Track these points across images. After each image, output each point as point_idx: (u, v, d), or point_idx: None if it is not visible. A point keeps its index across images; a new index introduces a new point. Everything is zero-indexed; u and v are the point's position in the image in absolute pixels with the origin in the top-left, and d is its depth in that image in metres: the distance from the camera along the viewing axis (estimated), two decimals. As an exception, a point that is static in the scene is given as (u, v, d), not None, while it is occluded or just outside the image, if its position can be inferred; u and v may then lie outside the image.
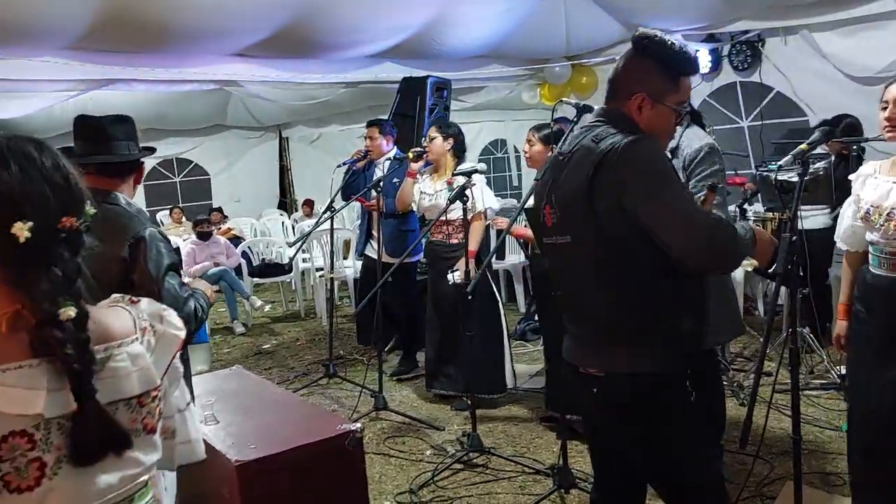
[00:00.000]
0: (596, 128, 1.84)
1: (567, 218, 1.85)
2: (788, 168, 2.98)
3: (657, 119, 1.84)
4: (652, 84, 1.82)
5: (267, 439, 2.29)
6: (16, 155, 1.05)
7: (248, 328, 7.09)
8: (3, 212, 1.01)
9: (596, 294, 1.84)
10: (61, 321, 1.01)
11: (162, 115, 9.63)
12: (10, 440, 0.97)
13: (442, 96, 6.10)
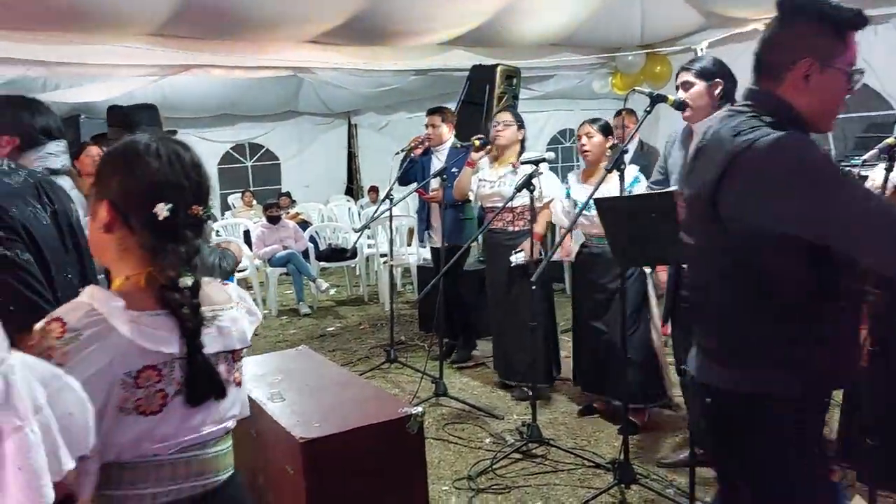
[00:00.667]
0: (739, 115, 1.58)
1: (692, 219, 1.67)
2: (872, 163, 2.88)
3: (826, 89, 1.54)
4: (818, 45, 1.53)
5: (331, 418, 2.33)
6: (167, 151, 1.33)
7: (314, 310, 7.25)
8: (151, 192, 1.28)
9: (717, 305, 1.65)
10: (180, 287, 1.26)
11: (236, 100, 9.89)
12: (146, 372, 1.22)
13: (511, 84, 6.05)
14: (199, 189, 1.35)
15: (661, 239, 2.54)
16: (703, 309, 1.73)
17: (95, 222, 1.32)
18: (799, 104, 1.54)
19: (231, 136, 11.38)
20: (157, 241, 1.28)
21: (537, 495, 3.21)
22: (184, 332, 1.26)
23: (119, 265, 1.31)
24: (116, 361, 1.19)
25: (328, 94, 9.85)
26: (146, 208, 1.27)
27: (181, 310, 1.26)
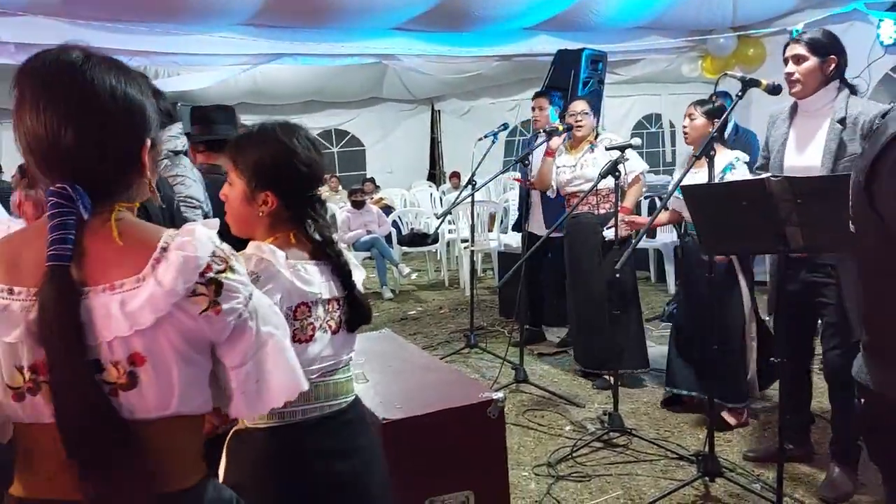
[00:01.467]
0: None
1: (853, 205, 1.54)
2: None
3: None
4: None
5: (412, 401, 2.38)
6: (318, 146, 1.68)
7: (396, 294, 7.37)
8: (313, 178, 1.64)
9: (877, 302, 1.55)
10: (334, 243, 1.62)
11: (322, 87, 10.12)
12: (300, 308, 1.53)
13: (597, 69, 5.94)
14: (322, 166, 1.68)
15: (751, 227, 2.45)
16: (866, 303, 1.63)
17: (235, 193, 1.61)
18: None
19: (318, 123, 11.66)
20: (303, 210, 1.61)
21: (617, 484, 3.19)
22: (343, 276, 1.61)
23: (264, 230, 1.60)
24: (284, 298, 1.49)
25: (412, 80, 9.96)
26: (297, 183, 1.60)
27: (340, 259, 1.61)
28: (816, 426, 3.60)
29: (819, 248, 2.55)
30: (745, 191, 2.47)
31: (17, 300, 1.01)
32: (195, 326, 1.05)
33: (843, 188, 2.30)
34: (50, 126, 1.02)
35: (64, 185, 1.03)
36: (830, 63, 2.77)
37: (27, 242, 1.05)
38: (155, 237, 1.06)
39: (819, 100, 2.81)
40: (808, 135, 2.84)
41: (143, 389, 1.03)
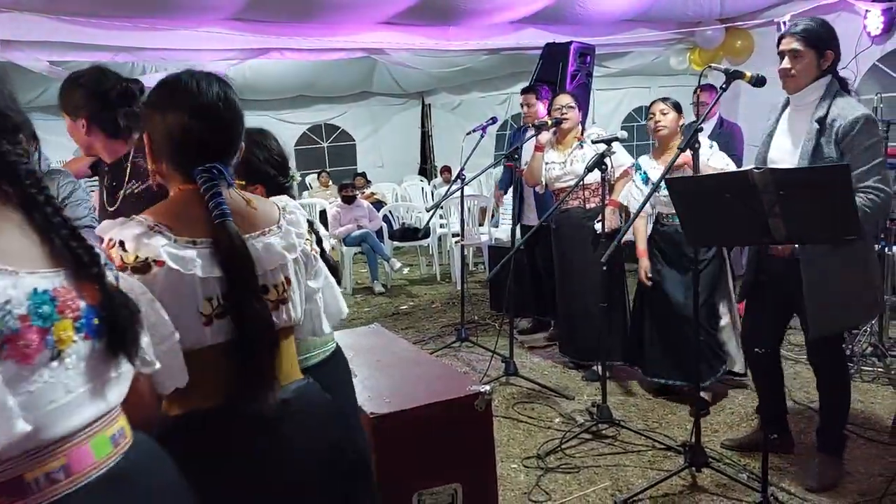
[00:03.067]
0: None
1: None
2: None
3: None
4: None
5: (401, 395, 2.39)
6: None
7: (387, 289, 7.38)
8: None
9: None
10: None
11: (311, 82, 10.07)
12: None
13: (585, 62, 5.95)
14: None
15: (735, 219, 2.47)
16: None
17: None
18: None
19: (308, 118, 11.63)
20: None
21: (606, 476, 3.21)
22: None
23: None
24: None
25: (401, 74, 9.93)
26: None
27: None
28: (802, 416, 3.65)
29: (801, 240, 2.57)
30: (729, 183, 2.49)
31: (202, 248, 1.34)
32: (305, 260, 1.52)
33: (825, 180, 2.34)
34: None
35: (214, 165, 1.39)
36: (828, 58, 2.71)
37: (184, 208, 1.38)
38: (272, 202, 1.55)
39: (809, 94, 2.76)
40: (793, 130, 2.84)
41: (290, 305, 1.45)
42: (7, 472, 0.93)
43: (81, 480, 0.99)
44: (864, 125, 2.58)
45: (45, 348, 0.95)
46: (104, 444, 1.03)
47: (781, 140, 2.88)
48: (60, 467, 0.97)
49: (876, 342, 4.28)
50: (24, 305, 0.94)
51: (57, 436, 0.97)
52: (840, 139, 2.61)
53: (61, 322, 0.98)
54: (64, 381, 0.98)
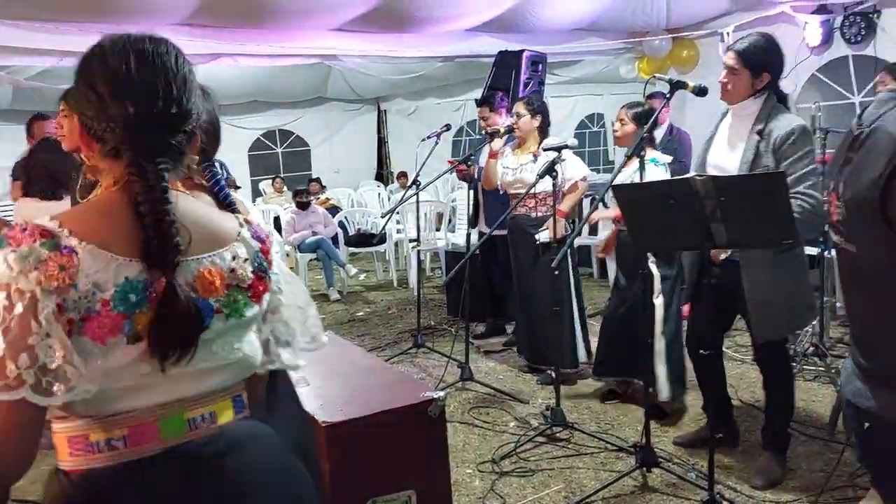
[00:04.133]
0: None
1: (854, 221, 1.42)
2: None
3: None
4: None
5: (354, 403, 2.38)
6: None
7: (343, 296, 7.35)
8: None
9: (889, 327, 1.41)
10: None
11: (266, 87, 9.99)
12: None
13: (537, 70, 6.05)
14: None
15: (679, 224, 2.55)
16: (864, 324, 1.51)
17: None
18: None
19: (261, 123, 11.53)
20: None
21: (559, 478, 3.26)
22: None
23: None
24: None
25: (356, 80, 9.92)
26: None
27: None
28: (748, 415, 3.75)
29: (742, 245, 2.66)
30: (672, 189, 2.56)
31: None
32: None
33: (763, 187, 2.43)
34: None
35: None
36: (764, 79, 2.81)
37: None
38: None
39: (747, 107, 2.87)
40: (733, 138, 2.94)
41: None
42: (77, 428, 1.09)
43: (139, 453, 1.10)
44: (798, 135, 2.71)
45: (122, 333, 1.05)
46: (177, 424, 1.13)
47: (721, 147, 2.99)
48: (122, 437, 1.09)
49: (817, 342, 4.42)
50: (110, 291, 1.04)
51: (120, 410, 1.09)
52: (776, 148, 2.73)
53: (146, 311, 1.07)
54: (136, 363, 1.07)
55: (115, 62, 1.12)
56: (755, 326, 2.90)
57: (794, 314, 2.96)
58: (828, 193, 1.53)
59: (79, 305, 1.03)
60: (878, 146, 1.35)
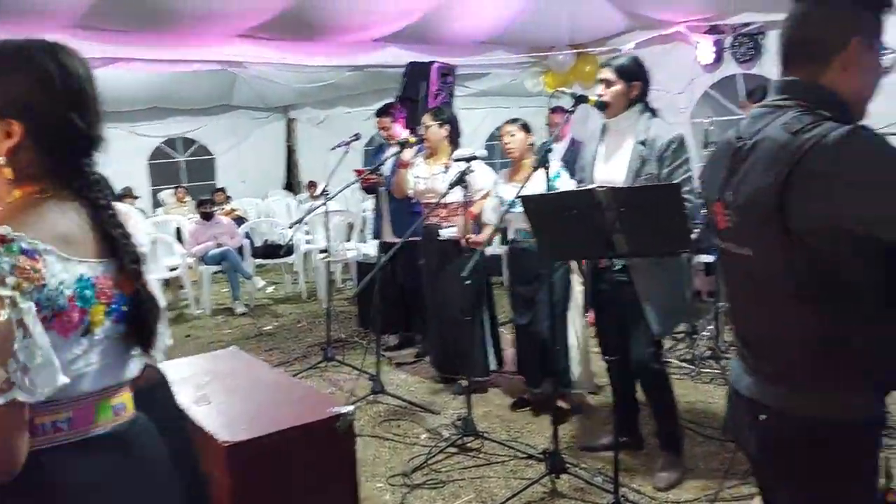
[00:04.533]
0: (783, 110, 1.43)
1: (747, 227, 1.46)
2: None
3: (870, 71, 1.43)
4: (863, 24, 1.41)
5: (258, 421, 2.31)
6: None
7: (250, 309, 7.15)
8: None
9: (785, 324, 1.45)
10: None
11: (167, 93, 9.65)
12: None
13: (447, 82, 6.09)
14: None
15: (582, 234, 2.62)
16: (756, 326, 1.55)
17: None
18: (843, 91, 1.40)
19: (162, 131, 11.11)
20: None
21: (470, 488, 3.26)
22: None
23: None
24: None
25: (263, 88, 9.71)
26: None
27: None
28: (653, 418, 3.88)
29: (642, 253, 2.76)
30: (575, 200, 2.63)
31: None
32: None
33: (660, 198, 2.53)
34: None
35: None
36: (635, 88, 3.04)
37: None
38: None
39: (624, 120, 3.07)
40: (615, 152, 3.10)
41: None
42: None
43: (82, 434, 1.21)
44: (679, 144, 2.95)
45: (81, 325, 1.18)
46: (106, 410, 1.26)
47: (605, 161, 3.15)
48: (66, 419, 1.20)
49: (713, 346, 4.64)
50: (72, 288, 1.16)
51: (71, 396, 1.18)
52: (660, 155, 2.94)
53: (97, 306, 1.20)
54: (89, 353, 1.20)
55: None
56: (654, 324, 3.04)
57: (678, 311, 3.18)
58: (711, 203, 1.58)
59: (50, 303, 1.12)
60: (766, 155, 1.40)
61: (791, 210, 1.34)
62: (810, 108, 1.39)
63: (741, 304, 1.61)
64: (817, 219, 1.32)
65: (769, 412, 1.49)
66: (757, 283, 1.49)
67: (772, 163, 1.37)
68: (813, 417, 1.42)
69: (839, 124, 1.32)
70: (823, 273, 1.37)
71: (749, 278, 1.52)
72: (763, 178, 1.38)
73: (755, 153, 1.44)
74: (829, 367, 1.41)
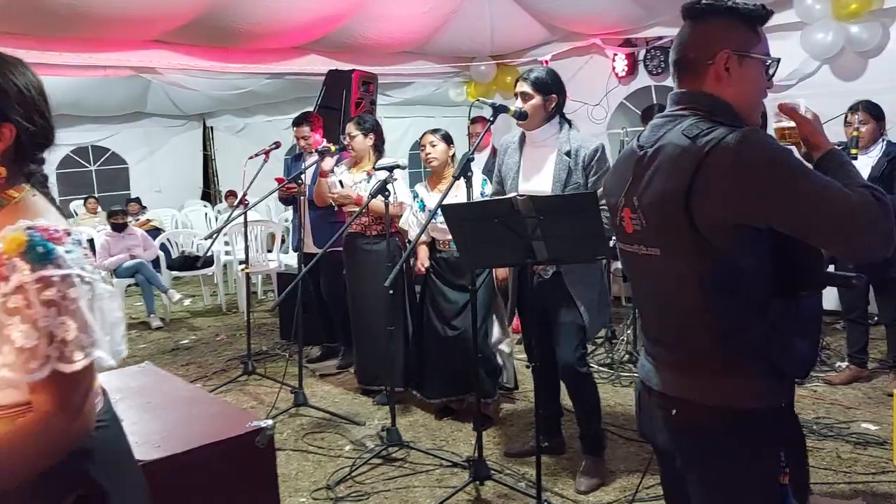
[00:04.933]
0: (681, 118, 1.54)
1: (656, 228, 1.55)
2: None
3: (747, 78, 1.54)
4: (732, 38, 1.53)
5: (174, 439, 2.23)
6: None
7: (166, 323, 6.91)
8: None
9: (693, 317, 1.54)
10: None
11: (77, 100, 9.24)
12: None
13: (368, 90, 6.08)
14: None
15: (503, 242, 2.65)
16: (664, 323, 1.64)
17: None
18: (726, 97, 1.54)
19: (72, 139, 10.61)
20: None
21: (396, 499, 3.24)
22: None
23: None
24: None
25: (179, 95, 9.44)
26: None
27: None
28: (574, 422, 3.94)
29: (561, 260, 2.82)
30: (496, 209, 2.66)
31: None
32: None
33: (577, 206, 2.58)
34: None
35: None
36: (552, 101, 3.12)
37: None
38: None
39: (544, 132, 3.15)
40: (538, 163, 3.17)
41: None
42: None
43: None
44: (601, 154, 3.08)
45: None
46: None
47: (530, 173, 3.21)
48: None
49: (631, 350, 4.77)
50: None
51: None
52: (586, 165, 3.05)
53: None
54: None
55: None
56: (588, 324, 3.14)
57: (603, 311, 3.31)
58: (618, 209, 1.66)
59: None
60: (669, 160, 1.51)
61: (696, 209, 1.44)
62: (706, 115, 1.52)
63: (650, 302, 1.70)
64: (720, 215, 1.43)
65: (679, 403, 1.57)
66: (665, 281, 1.59)
67: (675, 167, 1.48)
68: (718, 406, 1.51)
69: (733, 128, 1.45)
70: (724, 268, 1.47)
71: (658, 277, 1.61)
72: (669, 182, 1.49)
73: (657, 159, 1.54)
74: (731, 357, 1.51)
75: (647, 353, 1.71)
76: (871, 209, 1.37)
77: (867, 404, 4.05)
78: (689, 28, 1.60)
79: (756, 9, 1.55)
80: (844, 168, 1.50)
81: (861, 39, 5.12)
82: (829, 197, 1.38)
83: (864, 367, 4.38)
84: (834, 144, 1.58)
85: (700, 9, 1.56)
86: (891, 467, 3.27)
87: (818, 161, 1.54)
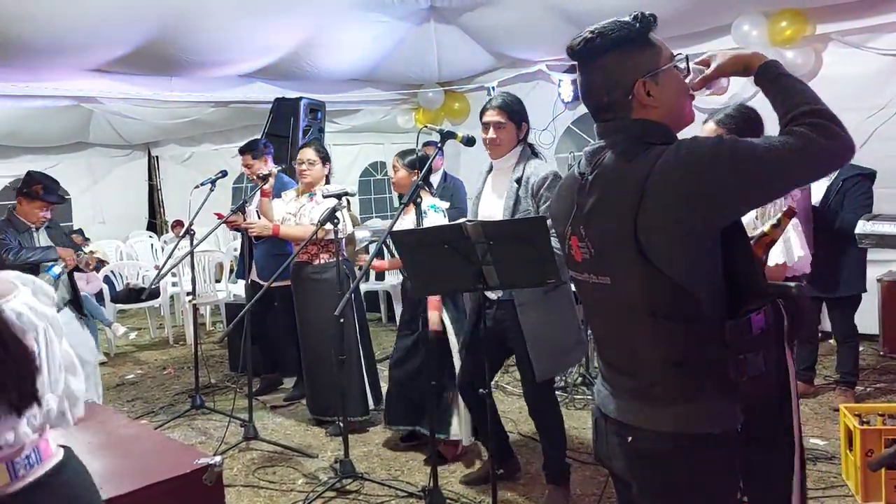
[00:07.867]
0: (614, 145, 1.54)
1: (605, 256, 1.54)
2: None
3: (669, 90, 1.53)
4: (638, 64, 1.51)
5: (116, 479, 2.14)
6: None
7: (110, 358, 6.69)
8: None
9: (646, 346, 1.53)
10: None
11: (15, 130, 8.99)
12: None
13: (316, 118, 6.06)
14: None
15: (454, 268, 2.64)
16: (619, 350, 1.62)
17: None
18: (656, 117, 1.52)
19: (10, 170, 10.23)
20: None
21: (350, 532, 3.17)
22: None
23: None
24: None
25: (123, 124, 9.23)
26: None
27: None
28: (527, 447, 3.94)
29: (511, 285, 2.82)
30: (446, 235, 2.66)
31: None
32: None
33: (526, 231, 2.60)
34: None
35: None
36: (524, 129, 3.12)
37: None
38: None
39: (508, 160, 3.13)
40: (497, 189, 3.18)
41: None
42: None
43: None
44: (551, 180, 3.01)
45: None
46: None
47: (488, 200, 3.21)
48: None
49: (584, 372, 4.80)
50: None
51: None
52: (535, 192, 3.02)
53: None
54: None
55: None
56: (536, 367, 3.06)
57: (567, 351, 3.19)
58: (566, 238, 1.64)
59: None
60: (609, 186, 1.51)
61: (645, 232, 1.43)
62: (637, 138, 1.50)
63: (604, 330, 1.68)
64: (675, 232, 1.42)
65: (635, 431, 1.55)
66: (617, 308, 1.56)
67: (618, 192, 1.48)
68: (674, 433, 1.50)
69: (666, 146, 1.45)
70: (675, 293, 1.45)
71: (610, 305, 1.59)
72: (617, 209, 1.47)
73: (597, 186, 1.54)
74: (688, 382, 1.49)
75: (603, 378, 1.70)
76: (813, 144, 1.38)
77: (814, 419, 4.14)
78: (587, 73, 1.56)
79: (635, 24, 1.51)
80: (779, 83, 1.50)
81: (796, 64, 5.33)
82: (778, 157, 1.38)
83: (811, 384, 4.49)
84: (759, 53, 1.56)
85: (587, 52, 1.53)
86: (839, 482, 3.34)
87: (755, 80, 1.54)
